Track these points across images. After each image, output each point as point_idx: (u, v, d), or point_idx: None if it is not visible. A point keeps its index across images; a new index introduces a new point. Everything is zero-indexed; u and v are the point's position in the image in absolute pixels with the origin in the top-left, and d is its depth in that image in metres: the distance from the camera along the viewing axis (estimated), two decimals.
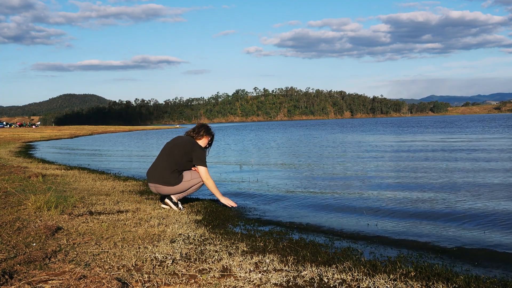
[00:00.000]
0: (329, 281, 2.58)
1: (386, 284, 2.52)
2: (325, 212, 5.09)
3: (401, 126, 47.53)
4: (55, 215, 4.26)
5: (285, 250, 3.26)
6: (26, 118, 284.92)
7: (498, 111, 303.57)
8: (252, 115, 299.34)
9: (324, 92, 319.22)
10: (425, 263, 3.06)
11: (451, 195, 5.98)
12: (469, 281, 2.57)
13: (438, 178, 7.66)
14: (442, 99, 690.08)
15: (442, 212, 4.93)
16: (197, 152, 4.91)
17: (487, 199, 5.58)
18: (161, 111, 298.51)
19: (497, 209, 4.97)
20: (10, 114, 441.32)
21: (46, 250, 3.01)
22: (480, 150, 13.43)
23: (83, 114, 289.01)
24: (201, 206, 5.13)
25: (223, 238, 3.59)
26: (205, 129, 5.13)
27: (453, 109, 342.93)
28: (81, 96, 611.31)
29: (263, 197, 6.14)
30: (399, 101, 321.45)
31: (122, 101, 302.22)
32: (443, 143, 17.98)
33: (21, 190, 5.86)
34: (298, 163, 11.58)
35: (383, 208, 5.20)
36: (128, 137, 39.25)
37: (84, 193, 5.83)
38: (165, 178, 4.78)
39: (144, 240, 3.41)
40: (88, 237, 3.45)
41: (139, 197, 5.66)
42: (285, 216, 4.89)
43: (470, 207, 5.12)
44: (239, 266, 2.81)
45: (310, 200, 5.86)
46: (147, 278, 2.56)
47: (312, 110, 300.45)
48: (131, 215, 4.41)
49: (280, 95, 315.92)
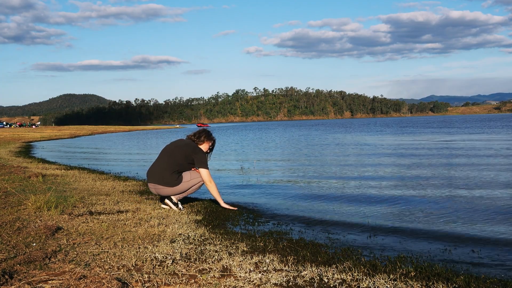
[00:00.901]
0: (329, 281, 2.58)
1: (386, 284, 2.52)
2: (326, 212, 5.09)
3: (401, 126, 47.55)
4: (55, 215, 4.26)
5: (285, 250, 3.26)
6: (26, 118, 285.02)
7: (498, 111, 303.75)
8: (252, 115, 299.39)
9: (324, 92, 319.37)
10: (425, 263, 3.06)
11: (450, 193, 5.98)
12: (469, 281, 2.57)
13: (437, 176, 7.66)
14: (442, 99, 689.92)
15: (442, 211, 4.93)
16: (198, 155, 4.89)
17: (488, 199, 5.58)
18: (161, 111, 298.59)
19: (497, 208, 4.97)
20: (10, 114, 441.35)
21: (46, 250, 3.01)
22: (479, 149, 13.43)
23: (83, 114, 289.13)
24: (201, 206, 5.13)
25: (223, 238, 3.59)
26: (206, 134, 5.11)
27: (453, 109, 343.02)
28: (81, 96, 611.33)
29: (264, 197, 6.14)
30: (399, 101, 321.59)
31: (122, 101, 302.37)
32: (443, 143, 17.98)
33: (21, 190, 5.86)
34: (299, 163, 11.58)
35: (384, 208, 5.21)
36: (128, 137, 39.25)
37: (84, 193, 5.82)
38: (165, 179, 4.78)
39: (144, 240, 3.40)
40: (88, 237, 3.45)
41: (139, 197, 5.66)
42: (285, 215, 4.89)
43: (470, 207, 5.11)
44: (239, 266, 2.81)
45: (311, 200, 5.86)
46: (147, 278, 2.55)
47: (312, 110, 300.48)
48: (131, 215, 4.41)
49: (280, 95, 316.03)
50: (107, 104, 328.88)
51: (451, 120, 74.62)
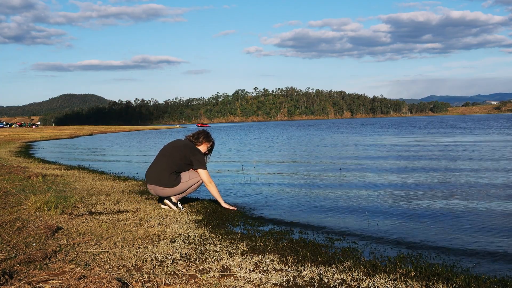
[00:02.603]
0: (329, 281, 2.58)
1: (386, 284, 2.52)
2: (326, 212, 5.09)
3: (401, 126, 47.53)
4: (55, 215, 4.26)
5: (285, 250, 3.26)
6: (26, 118, 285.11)
7: (498, 111, 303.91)
8: (252, 115, 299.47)
9: (324, 92, 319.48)
10: (425, 263, 3.06)
11: (450, 193, 5.98)
12: (469, 281, 2.57)
13: (438, 176, 7.66)
14: (442, 99, 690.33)
15: (441, 211, 4.93)
16: (197, 156, 4.88)
17: (488, 199, 5.58)
18: (161, 111, 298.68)
19: (497, 208, 4.97)
20: (10, 114, 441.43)
21: (46, 250, 3.01)
22: (480, 151, 13.42)
23: (83, 114, 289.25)
24: (201, 206, 5.13)
25: (223, 238, 3.59)
26: (204, 135, 5.09)
27: (453, 109, 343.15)
28: (81, 96, 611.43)
29: (264, 197, 6.14)
30: (399, 101, 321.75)
31: (122, 101, 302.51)
32: (443, 143, 17.98)
33: (21, 190, 5.86)
34: (299, 163, 11.58)
35: (384, 208, 5.20)
36: (128, 137, 39.24)
37: (84, 193, 5.82)
38: (163, 180, 4.77)
39: (144, 240, 3.40)
40: (88, 237, 3.45)
41: (139, 197, 5.66)
42: (285, 216, 4.88)
43: (470, 208, 5.11)
44: (239, 266, 2.81)
45: (311, 200, 5.86)
46: (147, 278, 2.55)
47: (312, 110, 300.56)
48: (131, 215, 4.41)
49: (280, 95, 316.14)
50: (107, 104, 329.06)
51: (452, 120, 74.62)
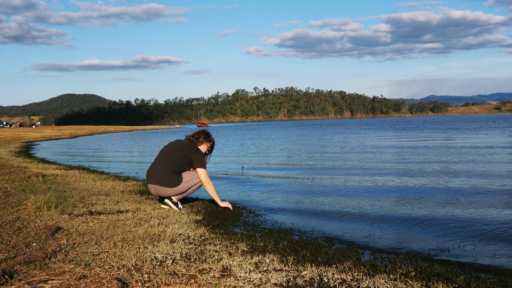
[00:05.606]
0: (329, 281, 2.58)
1: (386, 284, 2.52)
2: (326, 212, 5.09)
3: (401, 127, 47.53)
4: (55, 215, 4.26)
5: (285, 250, 3.26)
6: (26, 118, 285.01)
7: (498, 111, 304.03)
8: (252, 115, 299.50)
9: (324, 92, 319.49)
10: (425, 263, 3.06)
11: (450, 193, 5.98)
12: (469, 281, 2.57)
13: (438, 177, 7.65)
14: (442, 99, 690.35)
15: (442, 212, 4.93)
16: (197, 155, 4.88)
17: (489, 200, 5.58)
18: (161, 111, 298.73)
19: (498, 211, 4.97)
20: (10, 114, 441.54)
21: (46, 250, 3.01)
22: (480, 153, 13.42)
23: (83, 114, 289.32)
24: (201, 206, 5.13)
25: (223, 238, 3.59)
26: (204, 135, 5.10)
27: (453, 109, 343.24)
28: (81, 96, 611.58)
29: (264, 197, 6.14)
30: (399, 101, 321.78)
31: (122, 101, 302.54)
32: (443, 143, 17.98)
33: (21, 190, 5.85)
34: (299, 163, 11.57)
35: (384, 208, 5.20)
36: (128, 137, 39.25)
37: (84, 193, 5.82)
38: (164, 179, 4.77)
39: (144, 240, 3.40)
40: (88, 237, 3.45)
41: (139, 197, 5.66)
42: (285, 216, 4.89)
43: (470, 208, 5.11)
44: (239, 266, 2.81)
45: (311, 200, 5.86)
46: (147, 278, 2.55)
47: (312, 110, 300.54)
48: (131, 215, 4.41)
49: (280, 95, 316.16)
50: (107, 104, 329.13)
51: (451, 120, 74.63)
